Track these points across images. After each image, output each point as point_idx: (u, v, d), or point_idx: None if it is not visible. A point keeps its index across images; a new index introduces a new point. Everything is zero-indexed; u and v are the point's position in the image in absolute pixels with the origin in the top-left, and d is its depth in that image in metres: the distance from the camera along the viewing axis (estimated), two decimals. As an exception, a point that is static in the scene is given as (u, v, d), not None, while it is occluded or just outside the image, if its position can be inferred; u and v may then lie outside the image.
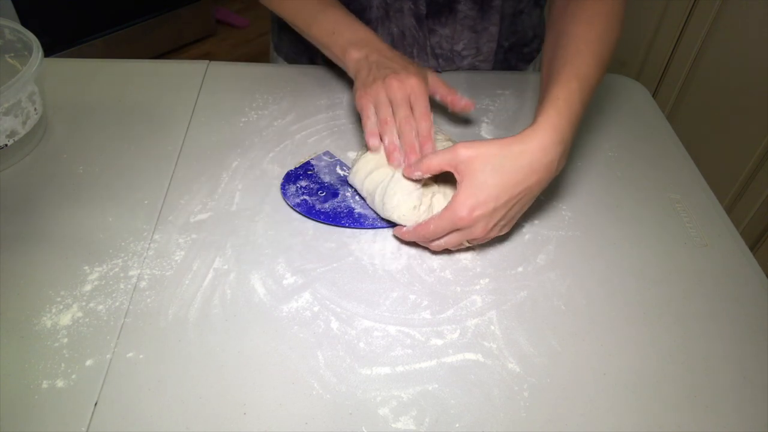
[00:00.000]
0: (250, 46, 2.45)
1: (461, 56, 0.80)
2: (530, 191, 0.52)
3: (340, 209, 0.60)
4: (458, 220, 0.51)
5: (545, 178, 0.52)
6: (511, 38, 0.81)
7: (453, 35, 0.77)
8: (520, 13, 0.79)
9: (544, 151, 0.50)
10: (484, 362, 0.49)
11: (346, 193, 0.62)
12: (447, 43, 0.77)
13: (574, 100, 0.53)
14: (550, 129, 0.51)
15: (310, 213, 0.59)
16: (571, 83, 0.53)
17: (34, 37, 0.64)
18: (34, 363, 0.46)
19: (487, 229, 0.52)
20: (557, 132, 0.51)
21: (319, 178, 0.64)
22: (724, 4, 1.21)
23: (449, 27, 0.76)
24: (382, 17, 0.75)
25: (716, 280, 0.57)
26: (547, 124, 0.51)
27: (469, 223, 0.51)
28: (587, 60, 0.55)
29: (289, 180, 0.63)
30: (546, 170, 0.51)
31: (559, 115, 0.51)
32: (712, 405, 0.48)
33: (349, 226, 0.59)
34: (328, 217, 0.59)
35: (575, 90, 0.53)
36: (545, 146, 0.50)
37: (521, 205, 0.53)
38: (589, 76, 0.54)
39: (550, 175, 0.52)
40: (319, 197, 0.61)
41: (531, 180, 0.51)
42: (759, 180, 1.26)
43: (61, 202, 0.60)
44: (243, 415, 0.45)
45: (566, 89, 0.53)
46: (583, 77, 0.54)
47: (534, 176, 0.51)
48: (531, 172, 0.51)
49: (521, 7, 0.78)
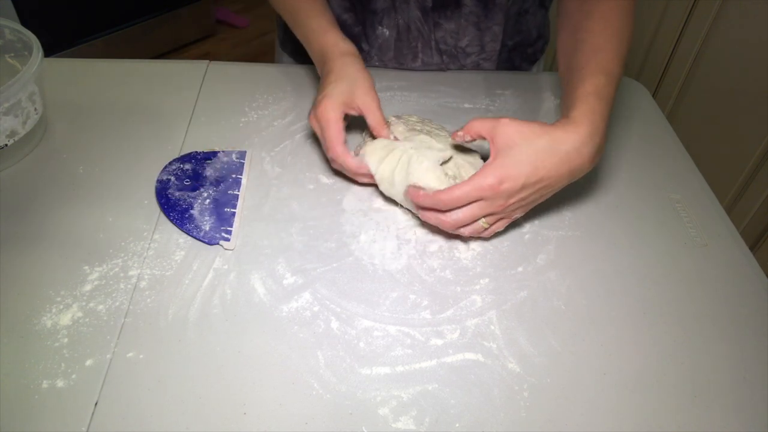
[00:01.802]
0: (250, 46, 2.45)
1: (465, 53, 0.80)
2: (560, 179, 0.52)
3: (180, 203, 0.59)
4: (486, 186, 0.50)
5: (577, 170, 0.52)
6: (515, 38, 0.81)
7: (458, 30, 0.76)
8: (525, 13, 0.79)
9: (582, 143, 0.51)
10: (484, 362, 0.49)
11: (203, 194, 0.61)
12: (452, 39, 0.77)
13: (605, 95, 0.53)
14: (588, 123, 0.51)
15: (159, 194, 0.60)
16: (599, 78, 0.53)
17: (34, 37, 0.64)
18: (34, 363, 0.46)
19: (508, 204, 0.52)
20: (594, 126, 0.51)
21: (204, 169, 0.63)
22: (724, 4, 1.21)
23: (454, 21, 0.75)
24: (388, 8, 0.74)
25: (716, 280, 0.57)
26: (585, 118, 0.51)
27: (494, 194, 0.51)
28: (609, 56, 0.55)
29: (184, 158, 0.64)
30: (580, 162, 0.51)
31: (593, 111, 0.52)
32: (712, 405, 0.48)
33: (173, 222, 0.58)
34: (166, 203, 0.59)
35: (604, 85, 0.53)
36: (583, 139, 0.51)
37: (547, 190, 0.53)
38: (613, 71, 0.55)
39: (583, 168, 0.52)
40: (183, 185, 0.61)
41: (563, 168, 0.51)
42: (759, 180, 1.26)
43: (61, 202, 0.60)
44: (243, 415, 0.45)
45: (595, 85, 0.53)
46: (609, 73, 0.54)
47: (566, 165, 0.51)
48: (566, 160, 0.51)
49: (526, 6, 0.78)
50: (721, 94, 1.28)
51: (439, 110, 0.75)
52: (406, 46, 0.77)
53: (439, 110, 0.75)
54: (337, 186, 0.64)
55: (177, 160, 0.64)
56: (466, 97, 0.77)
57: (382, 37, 0.77)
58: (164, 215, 0.58)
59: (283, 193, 0.63)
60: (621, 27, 0.58)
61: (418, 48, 0.78)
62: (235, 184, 0.62)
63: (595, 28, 0.58)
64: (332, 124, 0.59)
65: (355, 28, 0.78)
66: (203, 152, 0.65)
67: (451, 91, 0.78)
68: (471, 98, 0.77)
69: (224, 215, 0.59)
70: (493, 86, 0.79)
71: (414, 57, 0.79)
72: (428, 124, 0.65)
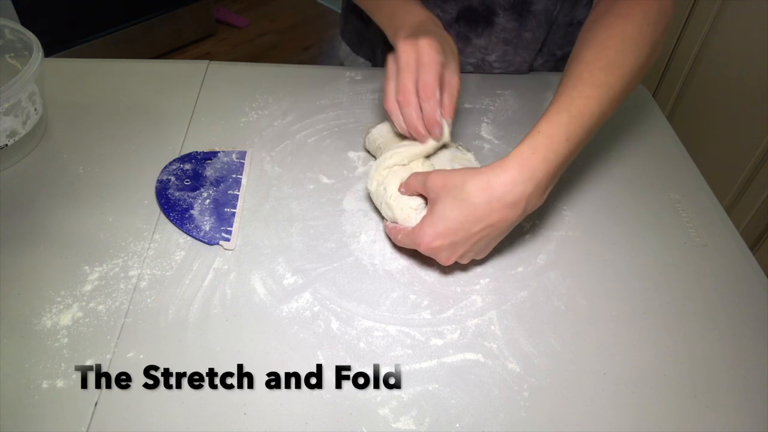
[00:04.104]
0: (250, 46, 2.45)
1: (492, 66, 0.80)
2: (493, 228, 0.49)
3: (180, 203, 0.59)
4: (420, 244, 0.51)
5: (510, 217, 0.48)
6: (564, 48, 0.80)
7: (487, 47, 0.76)
8: (576, 24, 0.77)
9: (509, 187, 0.47)
10: (484, 362, 0.49)
11: (203, 194, 0.61)
12: (480, 53, 0.78)
13: (559, 134, 0.48)
14: (519, 166, 0.47)
15: (159, 195, 0.60)
16: (560, 116, 0.49)
17: (34, 37, 0.64)
18: (34, 363, 0.46)
19: (450, 259, 0.51)
20: (527, 169, 0.47)
21: (204, 169, 0.63)
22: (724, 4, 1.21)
23: (484, 38, 0.74)
24: None
25: (716, 280, 0.57)
26: (517, 160, 0.47)
27: (429, 251, 0.51)
28: (586, 91, 0.50)
29: (184, 159, 0.64)
30: (510, 209, 0.48)
31: (534, 152, 0.47)
32: (712, 405, 0.48)
33: (173, 222, 0.58)
34: (166, 203, 0.59)
35: (563, 123, 0.49)
36: (510, 183, 0.47)
37: (487, 240, 0.51)
38: (585, 108, 0.49)
39: (517, 213, 0.48)
40: (183, 184, 0.61)
41: (493, 218, 0.48)
42: (759, 180, 1.26)
43: (62, 202, 0.60)
44: (243, 415, 0.45)
45: (551, 122, 0.49)
46: (576, 110, 0.49)
47: (496, 214, 0.48)
48: (493, 210, 0.48)
49: (577, 17, 0.76)
50: (721, 94, 1.28)
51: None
52: None
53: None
54: (337, 186, 0.64)
55: (177, 160, 0.64)
56: (466, 97, 0.77)
57: None
58: (164, 215, 0.58)
59: (283, 193, 0.63)
60: (619, 55, 0.51)
61: None
62: (235, 184, 0.62)
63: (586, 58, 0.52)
64: (437, 62, 0.54)
65: None
66: (203, 152, 0.65)
67: (451, 91, 0.78)
68: (471, 98, 0.77)
69: (224, 215, 0.59)
70: (493, 86, 0.79)
71: None
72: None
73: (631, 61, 0.52)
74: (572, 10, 0.76)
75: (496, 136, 0.72)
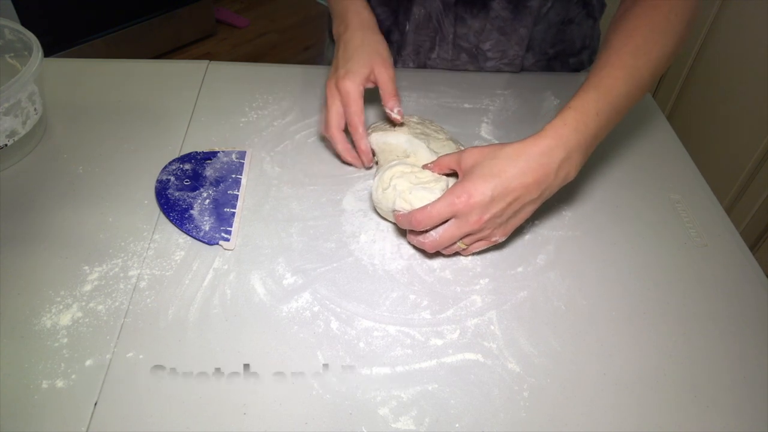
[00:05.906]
0: (250, 46, 2.45)
1: (486, 57, 0.80)
2: (527, 190, 0.51)
3: (180, 203, 0.59)
4: (457, 201, 0.51)
5: (543, 180, 0.51)
6: (557, 46, 0.81)
7: (482, 31, 0.77)
8: (569, 22, 0.78)
9: (542, 154, 0.50)
10: (484, 362, 0.49)
11: (203, 194, 0.61)
12: (474, 38, 0.77)
13: (588, 109, 0.52)
14: (552, 136, 0.51)
15: (159, 195, 0.60)
16: (589, 93, 0.53)
17: (34, 37, 0.64)
18: (34, 363, 0.46)
19: (482, 220, 0.51)
20: (559, 137, 0.51)
21: (204, 169, 0.63)
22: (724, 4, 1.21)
23: (479, 21, 0.76)
24: None
25: (716, 280, 0.57)
26: (550, 131, 0.51)
27: (466, 208, 0.51)
28: (614, 72, 0.53)
29: (184, 159, 0.64)
30: (544, 172, 0.51)
31: (565, 124, 0.51)
32: (712, 405, 0.48)
33: (173, 222, 0.58)
34: (166, 203, 0.59)
35: (592, 99, 0.52)
36: (543, 150, 0.50)
37: (518, 204, 0.52)
38: (613, 87, 0.53)
39: (550, 178, 0.51)
40: (183, 184, 0.61)
41: (527, 178, 0.50)
42: (759, 180, 1.26)
43: (62, 202, 0.60)
44: (243, 415, 0.45)
45: (581, 99, 0.52)
46: (604, 88, 0.53)
47: (530, 175, 0.50)
48: (527, 171, 0.50)
49: (571, 16, 0.77)
50: (721, 94, 1.28)
51: (439, 110, 0.75)
52: (426, 35, 0.77)
53: (439, 110, 0.75)
54: (337, 186, 0.64)
55: (177, 160, 0.64)
56: (466, 97, 0.77)
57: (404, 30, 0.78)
58: (164, 215, 0.58)
59: (283, 193, 0.63)
60: (645, 42, 0.54)
61: (436, 41, 0.78)
62: (235, 184, 0.62)
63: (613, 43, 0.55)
64: (355, 100, 0.61)
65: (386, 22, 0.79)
66: (203, 152, 0.65)
67: (451, 91, 0.78)
68: (471, 98, 0.77)
69: (224, 215, 0.59)
70: (493, 86, 0.79)
71: (431, 48, 0.79)
72: (428, 126, 0.65)
73: (657, 48, 0.55)
74: (565, 8, 0.76)
75: (496, 136, 0.72)
